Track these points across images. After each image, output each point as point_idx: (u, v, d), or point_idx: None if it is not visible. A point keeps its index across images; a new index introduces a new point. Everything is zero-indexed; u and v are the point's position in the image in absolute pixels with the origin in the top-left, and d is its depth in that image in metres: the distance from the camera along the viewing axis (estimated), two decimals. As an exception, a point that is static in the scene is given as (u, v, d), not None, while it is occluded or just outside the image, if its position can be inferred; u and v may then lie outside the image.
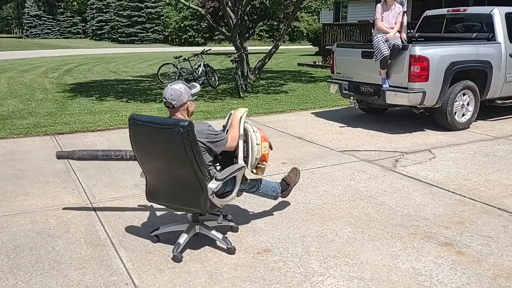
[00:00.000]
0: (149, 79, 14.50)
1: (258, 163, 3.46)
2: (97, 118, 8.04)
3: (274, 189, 3.73)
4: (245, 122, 3.42)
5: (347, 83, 7.43)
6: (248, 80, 12.10)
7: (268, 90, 11.43)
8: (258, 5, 16.99)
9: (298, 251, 3.29)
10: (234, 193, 3.32)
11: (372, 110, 8.17)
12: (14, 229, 3.69)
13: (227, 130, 3.43)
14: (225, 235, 3.37)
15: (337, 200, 4.26)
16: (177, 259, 3.16)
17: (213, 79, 12.24)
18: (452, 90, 6.74)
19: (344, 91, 7.49)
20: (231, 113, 3.52)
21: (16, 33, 71.51)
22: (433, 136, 6.63)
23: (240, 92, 10.44)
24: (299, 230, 3.62)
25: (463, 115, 7.02)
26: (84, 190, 4.59)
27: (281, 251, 3.30)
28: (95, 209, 4.10)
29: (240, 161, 3.36)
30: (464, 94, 6.95)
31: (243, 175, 3.39)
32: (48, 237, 3.55)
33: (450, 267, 3.06)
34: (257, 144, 3.38)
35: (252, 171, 3.50)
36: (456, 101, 6.83)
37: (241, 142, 3.37)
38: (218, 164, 3.43)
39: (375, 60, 6.74)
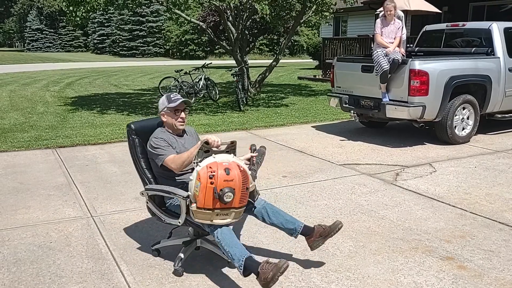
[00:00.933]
0: (150, 92, 14.57)
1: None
2: (98, 131, 8.06)
3: (232, 255, 2.82)
4: (224, 151, 3.07)
5: (348, 96, 7.47)
6: (249, 93, 12.16)
7: (269, 104, 11.48)
8: (258, 20, 17.13)
9: (300, 265, 3.28)
10: (179, 220, 3.09)
11: (372, 124, 8.20)
12: (15, 243, 3.68)
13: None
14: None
15: (338, 214, 4.25)
16: (178, 273, 3.15)
17: (213, 92, 12.30)
18: (452, 104, 6.78)
19: (344, 105, 7.53)
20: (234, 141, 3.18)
21: (18, 47, 71.95)
22: (433, 150, 6.65)
23: (241, 105, 10.49)
24: (300, 244, 3.61)
25: (463, 129, 7.05)
26: (85, 204, 4.59)
27: (283, 265, 3.28)
28: (96, 223, 4.10)
29: (189, 191, 2.96)
30: (464, 108, 6.98)
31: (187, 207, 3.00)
32: (49, 250, 3.55)
33: (452, 281, 3.05)
34: (190, 179, 2.93)
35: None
36: (456, 115, 6.86)
37: (194, 172, 2.91)
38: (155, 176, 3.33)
39: (376, 74, 6.78)
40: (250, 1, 10.61)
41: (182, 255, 3.23)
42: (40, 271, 3.23)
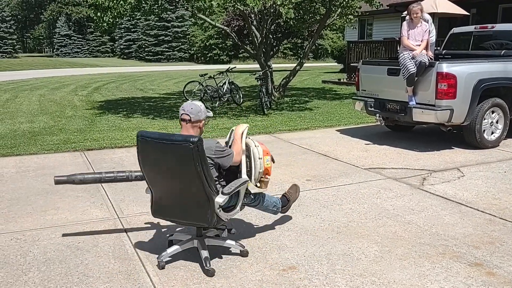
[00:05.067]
0: (174, 96, 14.74)
1: (262, 177, 3.56)
2: (124, 134, 8.20)
3: (275, 204, 3.80)
4: (247, 137, 3.55)
5: (373, 100, 7.40)
6: (273, 97, 12.16)
7: (293, 107, 11.47)
8: (282, 24, 17.16)
9: (324, 269, 3.26)
10: (238, 207, 3.40)
11: (398, 128, 8.10)
12: (45, 242, 3.77)
13: (230, 146, 3.58)
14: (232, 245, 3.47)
15: (363, 218, 4.21)
16: (210, 273, 3.19)
17: (237, 96, 12.36)
18: (480, 107, 6.64)
19: (369, 108, 7.46)
20: (232, 129, 3.67)
21: (47, 52, 73.84)
22: (461, 154, 6.52)
23: (265, 109, 10.50)
24: (324, 248, 3.59)
25: (492, 133, 6.90)
26: (112, 205, 4.68)
27: (307, 268, 3.28)
28: (122, 224, 4.17)
29: (244, 175, 3.45)
30: (493, 112, 6.83)
31: (247, 189, 3.49)
32: (77, 250, 3.62)
33: (481, 288, 2.99)
34: (259, 158, 3.48)
35: (256, 185, 3.59)
36: (484, 119, 6.72)
37: (243, 157, 3.49)
38: (222, 179, 3.47)
39: (402, 77, 6.70)
40: (274, 5, 10.63)
41: (205, 254, 3.28)
42: (68, 270, 3.30)
